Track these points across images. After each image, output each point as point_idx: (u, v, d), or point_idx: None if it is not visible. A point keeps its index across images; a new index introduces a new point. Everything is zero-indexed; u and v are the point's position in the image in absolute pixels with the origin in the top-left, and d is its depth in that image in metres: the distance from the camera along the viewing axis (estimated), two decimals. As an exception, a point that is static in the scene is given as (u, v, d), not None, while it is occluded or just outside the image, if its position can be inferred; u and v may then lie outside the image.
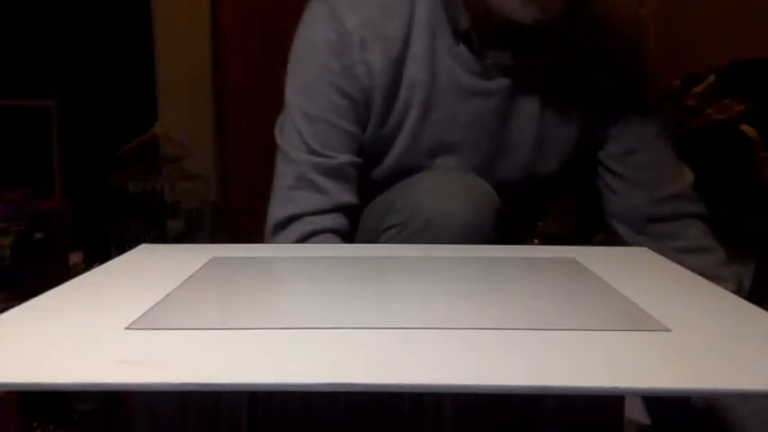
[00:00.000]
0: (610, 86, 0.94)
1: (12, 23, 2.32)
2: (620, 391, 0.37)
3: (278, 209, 0.90)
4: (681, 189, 0.96)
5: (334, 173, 0.89)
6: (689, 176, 0.98)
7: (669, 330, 0.46)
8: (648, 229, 0.96)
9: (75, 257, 1.83)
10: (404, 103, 0.90)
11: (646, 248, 0.75)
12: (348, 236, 0.92)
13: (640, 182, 0.95)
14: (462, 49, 0.89)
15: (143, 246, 0.76)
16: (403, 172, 0.92)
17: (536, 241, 1.43)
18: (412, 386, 0.37)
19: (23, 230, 1.60)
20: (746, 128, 1.56)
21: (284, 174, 0.90)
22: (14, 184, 1.79)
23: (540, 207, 1.09)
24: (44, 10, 2.35)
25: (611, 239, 1.03)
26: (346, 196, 0.90)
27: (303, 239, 0.87)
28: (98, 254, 1.76)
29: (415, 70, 0.89)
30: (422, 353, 0.42)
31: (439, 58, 0.89)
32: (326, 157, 0.89)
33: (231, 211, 2.41)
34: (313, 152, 0.89)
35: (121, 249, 0.75)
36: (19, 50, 2.32)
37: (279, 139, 0.92)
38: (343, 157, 0.89)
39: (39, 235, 1.63)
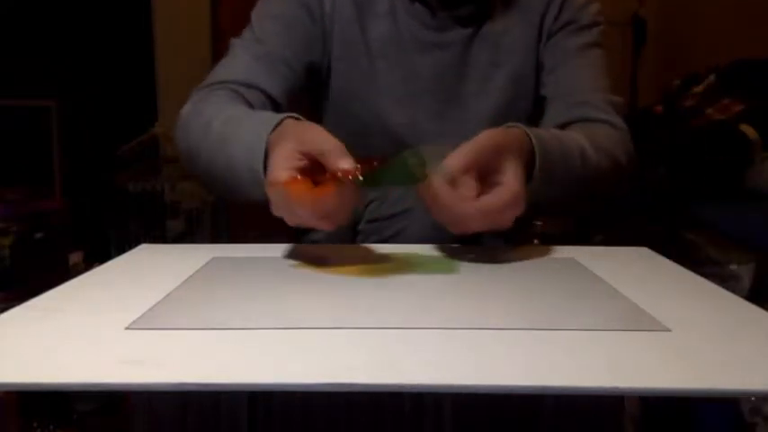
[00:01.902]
0: (546, 24, 0.98)
1: (12, 23, 2.32)
2: (620, 391, 0.37)
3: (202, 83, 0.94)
4: (588, 99, 0.93)
5: (261, 58, 0.91)
6: (609, 95, 0.95)
7: (669, 330, 0.46)
8: None
9: (75, 257, 1.83)
10: (367, 55, 0.95)
11: (646, 248, 0.75)
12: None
13: (557, 96, 0.96)
14: (417, 6, 0.94)
15: (143, 246, 0.76)
16: (372, 126, 0.95)
17: (536, 241, 1.43)
18: (412, 386, 0.37)
19: (23, 230, 1.60)
20: (746, 128, 1.56)
21: (219, 63, 0.95)
22: (14, 184, 1.79)
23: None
24: (44, 10, 2.35)
25: (612, 239, 1.03)
26: (268, 82, 0.89)
27: (206, 89, 0.89)
28: (98, 254, 1.76)
29: (378, 25, 0.95)
30: (422, 353, 0.42)
31: (399, 15, 0.95)
32: (261, 43, 0.92)
33: (231, 211, 2.41)
34: (253, 40, 0.93)
35: (121, 249, 0.75)
36: (19, 50, 2.33)
37: (230, 42, 0.97)
38: (279, 48, 0.91)
39: (39, 235, 1.63)
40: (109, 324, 0.47)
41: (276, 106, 0.90)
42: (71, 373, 0.39)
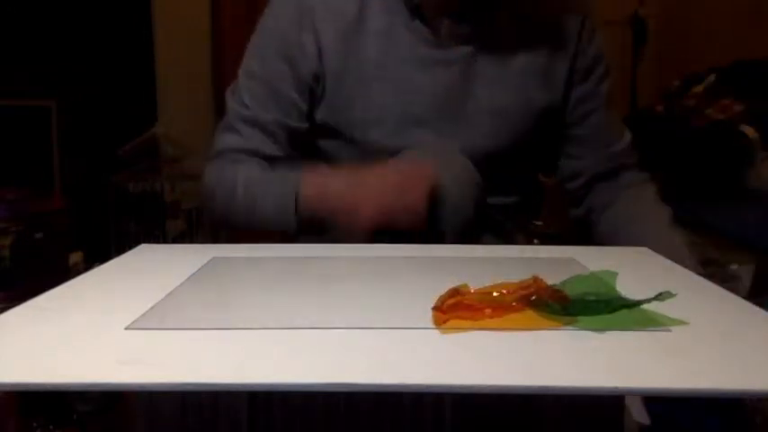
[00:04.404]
0: (563, 53, 0.98)
1: (12, 24, 2.32)
2: (620, 391, 0.37)
3: (211, 148, 1.00)
4: (625, 145, 1.03)
5: (254, 124, 0.95)
6: (628, 134, 1.05)
7: (669, 330, 0.46)
8: (597, 187, 1.03)
9: (75, 257, 1.83)
10: (360, 77, 0.93)
11: (646, 249, 0.75)
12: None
13: (595, 141, 1.01)
14: (417, 23, 0.92)
15: (143, 246, 0.76)
16: (372, 150, 0.93)
17: (536, 241, 1.43)
18: (412, 386, 0.37)
19: (23, 230, 1.60)
20: (746, 128, 1.56)
21: (223, 119, 0.99)
22: (14, 184, 1.78)
23: (518, 188, 1.09)
24: (44, 10, 2.35)
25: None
26: (264, 146, 0.95)
27: (219, 157, 0.97)
28: (98, 254, 1.75)
29: (369, 46, 0.92)
30: (422, 353, 0.42)
31: (396, 33, 0.92)
32: (250, 110, 0.95)
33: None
34: (242, 104, 0.96)
35: (121, 249, 0.75)
36: (19, 50, 2.32)
37: (227, 93, 1.00)
38: (266, 114, 0.94)
39: (39, 235, 1.63)
40: (109, 324, 0.47)
41: (284, 156, 0.96)
42: (71, 373, 0.39)
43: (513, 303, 0.50)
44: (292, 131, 0.96)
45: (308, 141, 0.98)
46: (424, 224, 0.80)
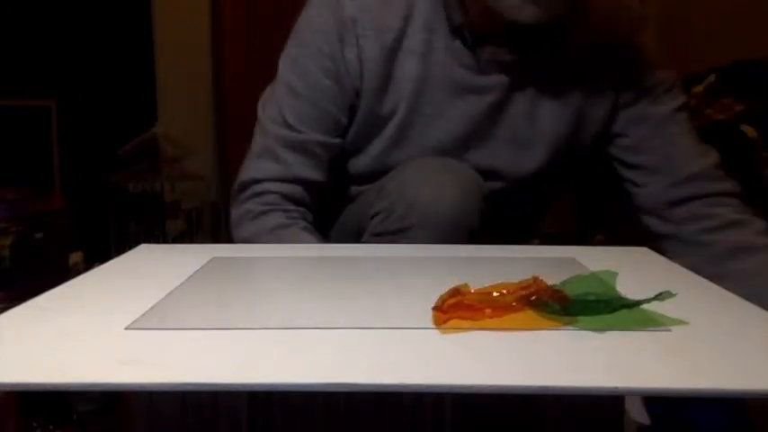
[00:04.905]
0: (609, 82, 0.94)
1: (12, 24, 2.32)
2: (619, 391, 0.37)
3: (242, 174, 0.94)
4: (698, 170, 0.93)
5: (297, 147, 0.91)
6: (712, 157, 0.95)
7: (669, 330, 0.46)
8: (672, 215, 0.94)
9: (75, 257, 1.83)
10: (395, 96, 0.91)
11: (645, 248, 0.75)
12: (308, 207, 0.94)
13: (656, 168, 0.94)
14: (458, 44, 0.89)
15: (143, 246, 0.76)
16: (390, 167, 0.92)
17: (536, 241, 1.43)
18: (412, 386, 0.37)
19: (23, 230, 1.60)
20: (746, 128, 1.56)
21: (255, 143, 0.95)
22: (14, 184, 1.78)
23: (533, 206, 1.08)
24: (44, 10, 2.35)
25: (612, 239, 1.03)
26: (306, 171, 0.92)
27: (254, 197, 0.92)
28: (98, 254, 1.75)
29: (408, 64, 0.90)
30: (422, 353, 0.42)
31: (434, 53, 0.90)
32: (295, 131, 0.91)
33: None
34: (285, 125, 0.91)
35: (121, 249, 0.75)
36: (19, 50, 2.32)
37: (260, 111, 0.96)
38: (312, 135, 0.91)
39: (39, 235, 1.63)
40: (109, 324, 0.47)
41: (321, 185, 0.93)
42: (71, 373, 0.39)
43: (513, 303, 0.50)
44: (334, 149, 0.93)
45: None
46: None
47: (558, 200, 1.14)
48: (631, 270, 0.64)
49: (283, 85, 0.93)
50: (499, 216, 0.89)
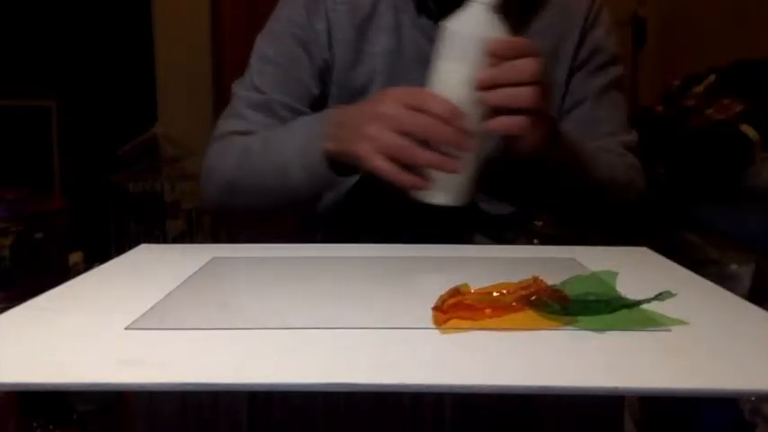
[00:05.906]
0: (567, 52, 0.95)
1: (12, 23, 2.32)
2: (619, 391, 0.37)
3: (213, 133, 0.96)
4: (607, 143, 0.93)
5: (262, 106, 0.92)
6: (627, 137, 0.96)
7: (669, 330, 0.46)
8: None
9: (75, 257, 1.83)
10: (367, 69, 0.92)
11: (645, 248, 0.75)
12: None
13: (581, 125, 0.94)
14: (425, 20, 0.91)
15: (143, 246, 0.76)
16: None
17: (536, 241, 1.43)
18: (412, 386, 0.37)
19: (23, 230, 1.60)
20: (746, 128, 1.56)
21: (226, 109, 0.97)
22: (14, 184, 1.79)
23: (518, 194, 1.07)
24: (44, 10, 2.35)
25: (612, 239, 1.03)
26: (269, 129, 0.92)
27: (219, 140, 0.93)
28: (98, 254, 1.75)
29: (379, 40, 0.92)
30: (422, 353, 0.42)
31: (404, 30, 0.92)
32: (260, 92, 0.93)
33: (231, 212, 2.40)
34: (252, 88, 0.93)
35: (121, 249, 0.75)
36: (19, 50, 2.32)
37: (233, 86, 0.97)
38: (277, 95, 0.92)
39: (39, 235, 1.63)
40: (109, 324, 0.47)
41: None
42: (71, 373, 0.39)
43: (513, 303, 0.50)
44: (308, 106, 0.94)
45: None
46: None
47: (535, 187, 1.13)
48: (631, 270, 0.64)
49: (255, 53, 0.96)
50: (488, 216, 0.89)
